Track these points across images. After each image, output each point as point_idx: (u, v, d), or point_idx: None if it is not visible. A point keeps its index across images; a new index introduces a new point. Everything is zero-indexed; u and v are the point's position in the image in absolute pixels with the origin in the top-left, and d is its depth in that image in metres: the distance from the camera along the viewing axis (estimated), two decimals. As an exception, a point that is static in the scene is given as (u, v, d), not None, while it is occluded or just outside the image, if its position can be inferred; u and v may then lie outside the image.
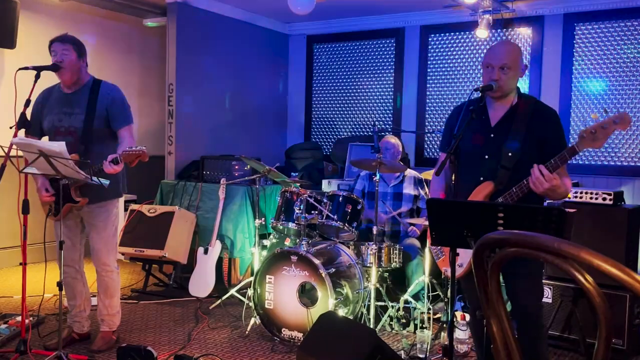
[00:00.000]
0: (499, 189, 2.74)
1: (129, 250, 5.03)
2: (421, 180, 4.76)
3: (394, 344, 3.86)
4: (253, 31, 6.79)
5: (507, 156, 2.74)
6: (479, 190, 2.80)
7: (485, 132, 2.84)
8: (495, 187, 2.75)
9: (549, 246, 1.04)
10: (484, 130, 2.85)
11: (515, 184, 2.68)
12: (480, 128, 2.86)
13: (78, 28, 6.08)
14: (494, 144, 2.80)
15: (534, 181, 2.55)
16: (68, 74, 3.48)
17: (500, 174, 2.75)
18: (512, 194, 2.67)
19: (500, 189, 2.73)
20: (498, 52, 2.81)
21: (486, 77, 2.81)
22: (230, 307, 4.59)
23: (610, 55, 5.36)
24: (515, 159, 2.73)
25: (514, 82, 2.82)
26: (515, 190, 2.66)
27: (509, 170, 2.73)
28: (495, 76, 2.75)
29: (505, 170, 2.74)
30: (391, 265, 4.17)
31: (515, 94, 2.85)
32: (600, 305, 1.01)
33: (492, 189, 2.75)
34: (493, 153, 2.79)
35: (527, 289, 2.76)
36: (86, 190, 3.47)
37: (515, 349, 1.27)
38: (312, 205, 4.11)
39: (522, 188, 2.64)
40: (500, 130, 2.80)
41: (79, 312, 3.76)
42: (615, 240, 3.68)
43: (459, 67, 6.19)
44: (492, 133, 2.82)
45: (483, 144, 2.84)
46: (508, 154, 2.74)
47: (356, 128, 6.91)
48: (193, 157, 5.98)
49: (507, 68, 2.75)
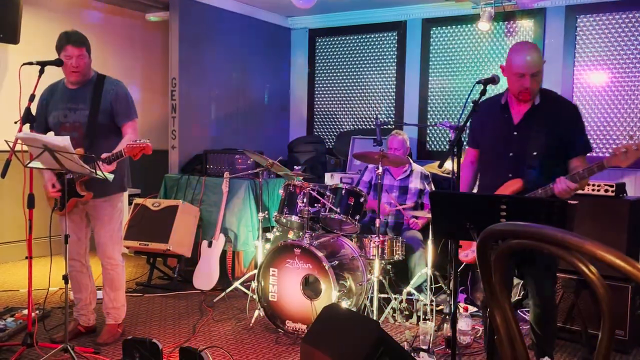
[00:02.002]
0: (527, 187, 2.84)
1: (134, 244, 5.05)
2: (427, 175, 4.76)
3: (397, 335, 3.88)
4: (255, 25, 6.79)
5: (532, 155, 2.85)
6: (508, 185, 2.89)
7: (508, 130, 2.93)
8: (524, 185, 2.84)
9: (553, 238, 1.05)
10: (506, 128, 2.94)
11: (541, 179, 2.79)
12: (503, 126, 2.95)
13: (81, 23, 6.09)
14: (517, 142, 2.90)
15: (560, 192, 2.69)
16: (80, 76, 3.52)
17: (528, 173, 2.86)
18: (537, 195, 2.78)
19: (528, 187, 2.84)
20: (530, 61, 2.83)
21: (517, 84, 2.86)
22: (234, 300, 4.61)
23: (612, 47, 5.35)
24: (540, 158, 2.83)
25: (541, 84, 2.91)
26: (541, 192, 2.77)
27: (535, 169, 2.84)
28: (527, 84, 2.82)
29: (532, 170, 2.85)
30: (394, 257, 4.19)
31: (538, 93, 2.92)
32: (604, 296, 1.02)
33: (521, 186, 2.85)
34: (517, 151, 2.90)
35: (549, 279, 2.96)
36: (91, 185, 3.49)
37: (519, 340, 1.29)
38: (315, 199, 4.13)
39: (547, 191, 2.76)
40: (523, 129, 2.90)
41: (84, 305, 3.79)
42: (617, 232, 3.69)
43: (461, 59, 6.18)
44: (515, 131, 2.92)
45: (507, 141, 2.93)
46: (533, 153, 2.85)
47: (359, 121, 6.91)
48: (196, 151, 6.00)
49: (538, 74, 2.84)
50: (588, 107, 5.46)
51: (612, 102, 5.34)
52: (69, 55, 3.45)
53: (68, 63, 3.46)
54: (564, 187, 2.67)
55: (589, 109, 5.46)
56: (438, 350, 3.63)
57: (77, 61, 3.46)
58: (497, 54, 5.95)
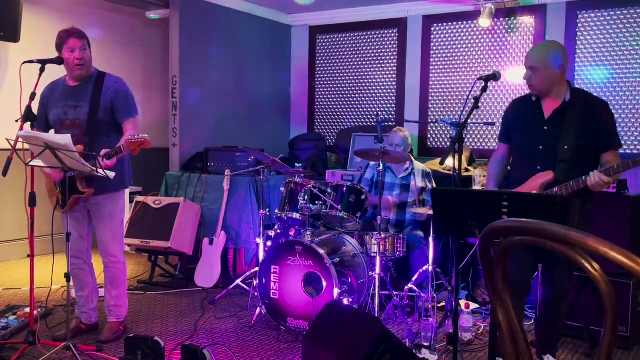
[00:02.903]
0: (557, 179, 2.89)
1: (135, 242, 5.05)
2: (429, 173, 4.75)
3: (399, 332, 3.88)
4: (256, 22, 6.78)
5: (564, 149, 2.89)
6: (539, 177, 2.94)
7: (539, 124, 3.00)
8: (555, 178, 2.89)
9: (556, 234, 1.05)
10: (537, 123, 3.01)
11: (571, 173, 2.84)
12: (534, 120, 3.03)
13: (81, 21, 6.08)
14: (548, 136, 2.96)
15: (594, 184, 2.74)
16: (84, 70, 3.51)
17: (559, 166, 2.90)
18: (569, 187, 2.82)
19: (559, 179, 2.88)
20: (528, 55, 3.02)
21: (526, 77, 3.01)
22: (235, 298, 4.62)
23: (614, 43, 5.34)
24: (570, 151, 2.88)
25: (549, 80, 2.95)
26: (572, 184, 2.81)
27: (566, 162, 2.89)
28: (526, 77, 2.97)
29: (563, 164, 2.89)
30: (395, 254, 4.19)
31: (568, 90, 2.98)
32: (607, 292, 1.02)
33: (552, 178, 2.90)
34: (547, 145, 2.95)
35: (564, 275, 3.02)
36: (92, 181, 3.48)
37: (521, 337, 1.29)
38: (316, 196, 4.13)
39: (579, 184, 2.80)
40: (554, 124, 2.95)
41: (86, 303, 3.79)
42: (619, 229, 3.68)
43: (461, 56, 6.17)
44: (546, 126, 2.98)
45: (537, 136, 3.00)
46: (564, 147, 2.89)
47: (359, 118, 6.91)
48: (197, 149, 6.00)
49: (535, 70, 2.92)
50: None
51: (614, 98, 5.33)
52: (72, 47, 3.44)
53: (71, 58, 3.45)
54: (597, 180, 2.72)
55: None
56: (440, 347, 3.63)
57: (80, 53, 3.45)
58: (498, 51, 5.94)
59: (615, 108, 5.33)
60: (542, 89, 2.97)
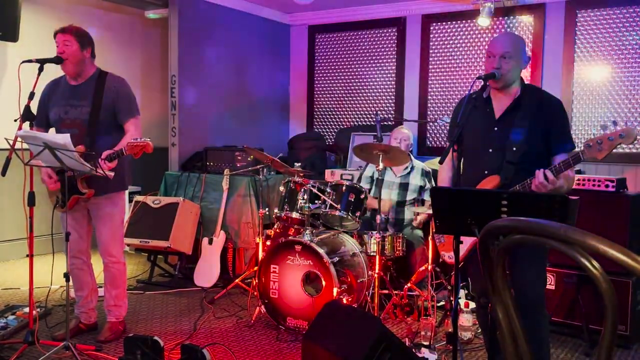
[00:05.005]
0: (504, 183, 2.73)
1: (134, 242, 5.05)
2: (428, 172, 4.75)
3: (398, 331, 3.88)
4: (254, 22, 6.77)
5: (512, 151, 2.73)
6: (485, 183, 2.80)
7: (489, 125, 2.84)
8: (501, 182, 2.75)
9: (555, 233, 1.05)
10: (488, 123, 2.85)
11: (520, 175, 2.68)
12: (485, 121, 2.86)
13: (80, 20, 6.05)
14: (498, 137, 2.79)
15: (538, 185, 2.55)
16: (70, 65, 3.48)
17: (506, 168, 2.74)
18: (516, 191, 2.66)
19: (506, 183, 2.73)
20: (499, 41, 2.82)
21: (488, 66, 2.81)
22: (235, 297, 4.62)
23: (613, 42, 5.34)
24: (520, 153, 2.72)
25: (516, 72, 2.81)
26: (519, 189, 2.65)
27: (514, 165, 2.73)
28: (496, 64, 2.75)
29: (511, 165, 2.74)
30: (395, 253, 4.19)
31: (519, 85, 2.84)
32: (607, 291, 1.01)
33: (498, 182, 2.75)
34: (497, 147, 2.79)
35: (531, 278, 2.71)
36: (92, 182, 3.48)
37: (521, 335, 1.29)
38: (315, 195, 4.13)
39: (525, 187, 2.64)
40: (505, 123, 2.80)
41: (86, 302, 3.79)
42: (618, 227, 3.69)
43: (460, 55, 6.17)
44: (496, 126, 2.82)
45: (487, 137, 2.84)
46: (512, 148, 2.73)
47: (358, 118, 6.90)
48: (196, 148, 5.99)
49: (508, 57, 2.75)
50: (589, 102, 5.45)
51: (613, 98, 5.33)
52: (57, 43, 3.45)
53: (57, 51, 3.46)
54: (540, 180, 2.53)
55: (589, 104, 5.45)
56: (439, 346, 3.63)
57: (62, 46, 3.44)
58: (497, 50, 5.93)
59: (615, 107, 5.33)
60: (508, 80, 2.78)
